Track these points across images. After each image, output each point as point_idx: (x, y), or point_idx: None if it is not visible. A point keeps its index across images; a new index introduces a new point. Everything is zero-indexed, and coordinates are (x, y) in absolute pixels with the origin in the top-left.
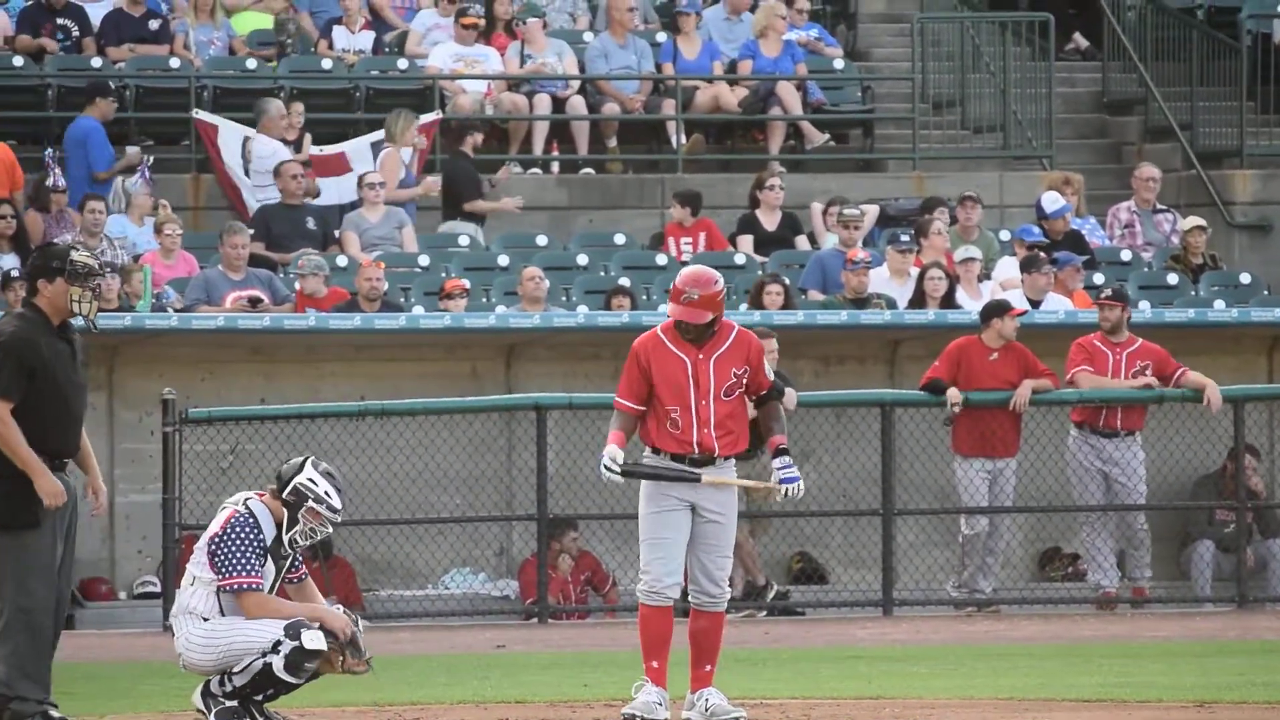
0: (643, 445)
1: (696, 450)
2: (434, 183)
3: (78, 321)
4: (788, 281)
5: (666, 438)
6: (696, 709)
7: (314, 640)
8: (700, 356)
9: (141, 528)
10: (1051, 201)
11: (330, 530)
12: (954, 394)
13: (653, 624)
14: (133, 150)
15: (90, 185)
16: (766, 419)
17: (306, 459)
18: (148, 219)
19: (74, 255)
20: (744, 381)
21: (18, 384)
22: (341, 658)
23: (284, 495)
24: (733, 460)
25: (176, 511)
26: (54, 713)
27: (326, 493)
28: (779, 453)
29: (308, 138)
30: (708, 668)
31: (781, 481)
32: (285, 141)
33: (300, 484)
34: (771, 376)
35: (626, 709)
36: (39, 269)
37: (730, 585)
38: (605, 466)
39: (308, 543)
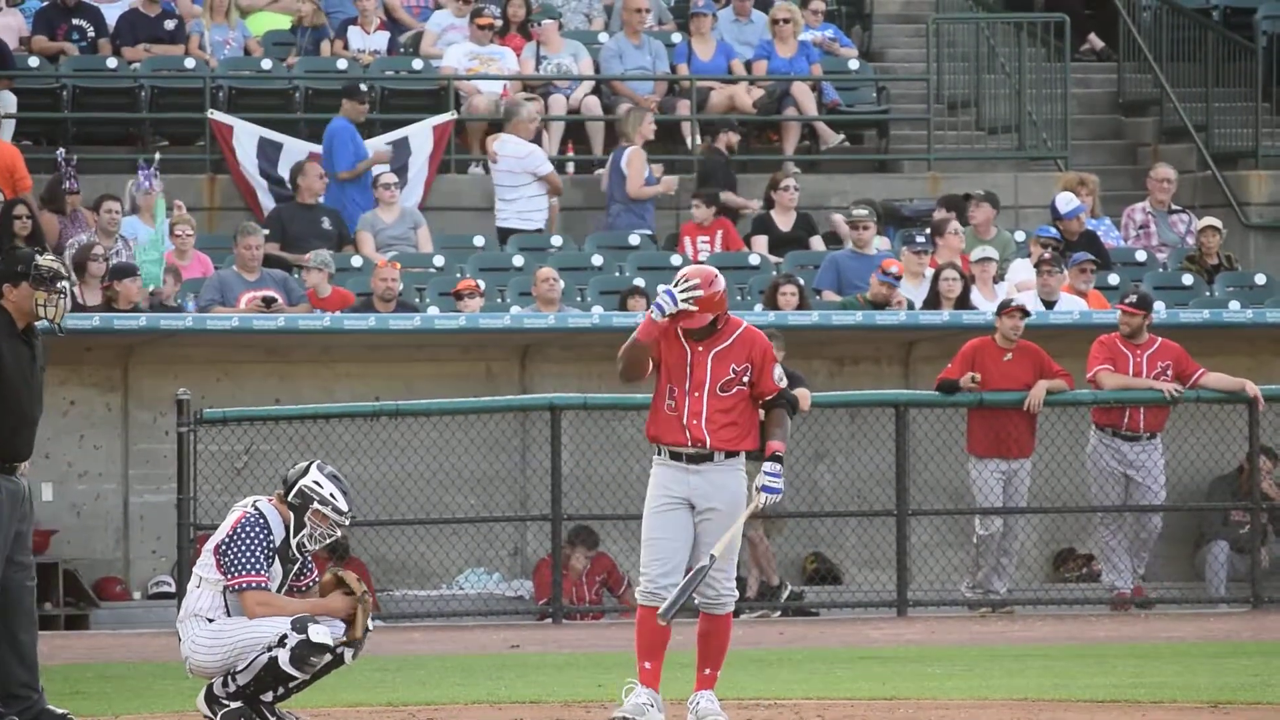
0: (650, 443)
1: (689, 443)
2: (672, 181)
3: (42, 325)
4: (802, 282)
5: (664, 424)
6: (689, 711)
7: (320, 634)
8: (700, 349)
9: (156, 528)
10: (1066, 202)
11: (339, 534)
12: (967, 378)
13: (649, 625)
14: (383, 148)
15: (337, 184)
16: (769, 424)
17: (312, 462)
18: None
19: (39, 260)
20: (743, 379)
21: None
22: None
23: (289, 498)
24: (739, 457)
25: (191, 512)
26: None
27: (332, 495)
28: (772, 459)
29: (545, 135)
30: (707, 670)
31: (761, 489)
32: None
33: (305, 486)
34: (782, 384)
35: (616, 712)
36: (3, 274)
37: (737, 586)
38: (661, 304)
39: (316, 546)
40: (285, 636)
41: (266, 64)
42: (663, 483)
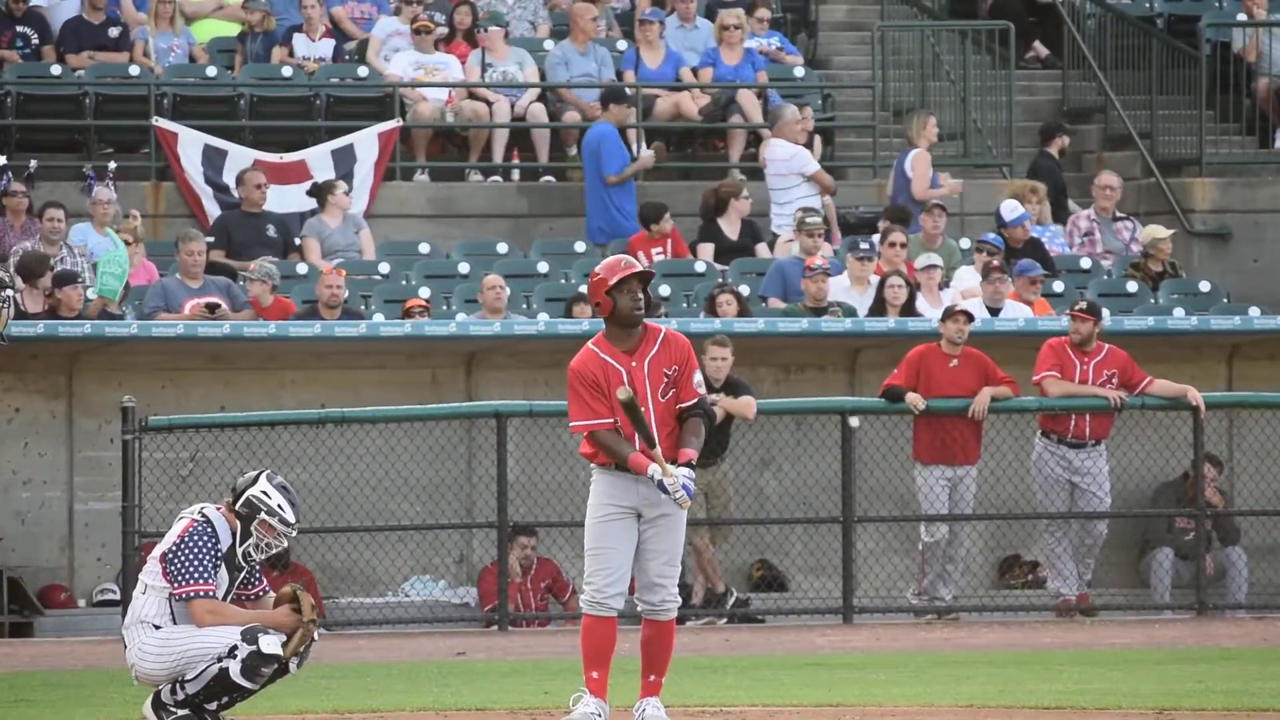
0: (591, 467)
1: None
2: (956, 185)
3: None
4: (745, 290)
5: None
6: (635, 718)
7: (271, 645)
8: (634, 363)
9: (101, 535)
10: (1010, 210)
11: (284, 544)
12: (913, 398)
13: (595, 635)
14: (647, 153)
15: (603, 189)
16: (685, 432)
17: (262, 472)
18: (110, 228)
19: None
20: (676, 382)
21: None
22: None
23: (236, 507)
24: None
25: (136, 519)
26: None
27: (279, 506)
28: (686, 465)
29: (817, 142)
30: (652, 678)
31: (684, 489)
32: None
33: (253, 496)
34: (699, 390)
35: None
36: None
37: (680, 593)
38: (673, 488)
39: (262, 556)
40: (236, 647)
41: (211, 71)
42: (608, 491)
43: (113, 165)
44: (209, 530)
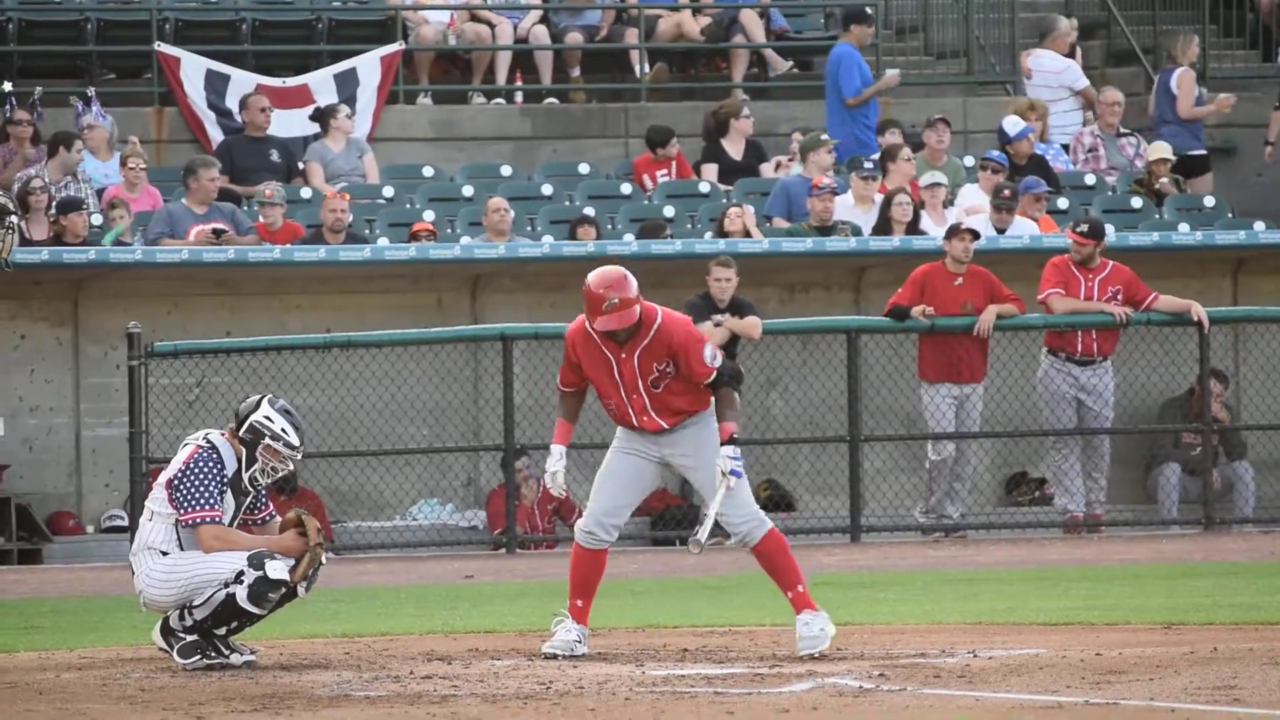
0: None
1: (647, 430)
2: (1228, 100)
3: None
4: (750, 210)
5: (614, 417)
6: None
7: (278, 570)
8: (624, 355)
9: (108, 461)
10: (1013, 125)
11: (290, 468)
12: (920, 309)
13: (581, 564)
14: (891, 74)
15: (842, 111)
16: (719, 405)
17: (264, 397)
18: (114, 153)
19: None
20: (668, 373)
21: None
22: (309, 559)
23: (241, 433)
24: (695, 418)
25: (143, 445)
26: None
27: (283, 430)
28: (729, 442)
29: (1079, 54)
30: (789, 594)
31: (731, 474)
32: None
33: (257, 421)
34: (714, 364)
35: (546, 646)
36: None
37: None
38: (551, 478)
39: (268, 480)
40: (242, 573)
41: None
42: (628, 434)
43: (92, 90)
44: (214, 456)
